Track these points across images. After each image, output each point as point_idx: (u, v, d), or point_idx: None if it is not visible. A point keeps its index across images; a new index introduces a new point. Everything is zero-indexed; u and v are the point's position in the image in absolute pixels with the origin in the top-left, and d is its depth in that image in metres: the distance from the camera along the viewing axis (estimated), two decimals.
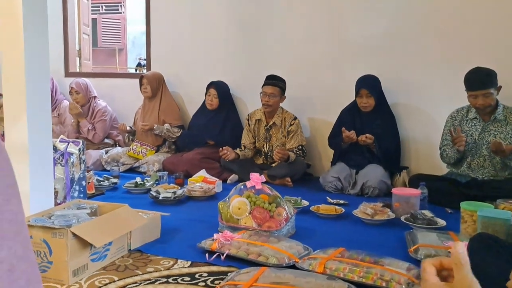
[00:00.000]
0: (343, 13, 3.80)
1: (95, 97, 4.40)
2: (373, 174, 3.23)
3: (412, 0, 3.60)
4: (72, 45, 5.07)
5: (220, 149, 3.59)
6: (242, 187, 2.52)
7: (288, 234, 2.35)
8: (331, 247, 2.04)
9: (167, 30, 4.44)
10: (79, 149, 2.52)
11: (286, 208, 2.39)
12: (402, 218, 2.55)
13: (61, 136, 2.47)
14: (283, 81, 3.65)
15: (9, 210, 0.40)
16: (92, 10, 6.78)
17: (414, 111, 3.63)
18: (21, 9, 1.93)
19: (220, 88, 3.96)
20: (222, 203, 2.47)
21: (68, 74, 4.93)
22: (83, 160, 2.60)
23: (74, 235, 1.71)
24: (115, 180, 3.43)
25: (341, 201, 2.99)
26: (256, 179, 2.46)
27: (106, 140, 4.41)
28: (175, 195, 2.98)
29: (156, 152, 4.09)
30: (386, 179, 3.26)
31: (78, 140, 2.59)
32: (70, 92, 4.35)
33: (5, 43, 1.99)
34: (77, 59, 5.33)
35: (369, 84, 3.38)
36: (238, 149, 3.71)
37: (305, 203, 2.86)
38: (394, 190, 2.82)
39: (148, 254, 2.07)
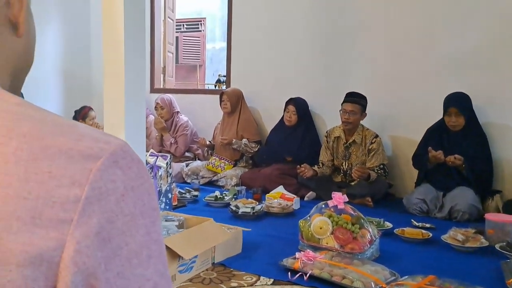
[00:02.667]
0: (431, 28, 3.65)
1: (178, 112, 4.60)
2: (462, 197, 3.03)
3: (505, 14, 3.38)
4: (157, 62, 5.36)
5: (298, 166, 3.58)
6: (323, 206, 2.48)
7: (372, 257, 2.27)
8: (419, 274, 1.94)
9: (247, 47, 4.54)
10: (167, 163, 2.63)
11: (370, 230, 2.31)
12: (497, 246, 2.37)
13: (151, 150, 2.59)
14: (364, 98, 3.57)
15: (154, 231, 0.42)
16: (175, 29, 7.12)
17: (508, 131, 3.38)
18: (123, 32, 2.08)
19: (299, 105, 3.96)
20: (303, 221, 2.44)
21: (153, 90, 5.20)
22: (170, 174, 2.71)
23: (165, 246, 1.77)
24: (195, 193, 3.54)
25: (427, 225, 2.83)
26: (338, 198, 2.41)
27: (187, 154, 4.57)
28: (254, 211, 3.00)
29: (234, 166, 4.17)
30: (477, 203, 3.05)
31: (166, 154, 2.71)
32: (155, 107, 4.58)
33: (108, 62, 2.15)
34: (162, 75, 5.61)
35: (459, 102, 3.21)
36: (316, 166, 3.68)
37: (389, 225, 2.75)
38: (487, 216, 2.62)
39: (231, 269, 2.09)
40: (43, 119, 0.41)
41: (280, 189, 3.46)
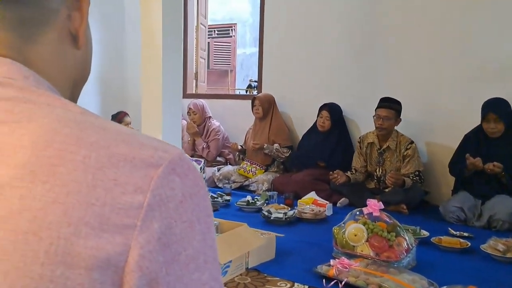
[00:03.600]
0: (468, 33, 3.57)
1: (210, 117, 4.65)
2: (502, 206, 2.94)
3: None
4: (189, 68, 5.43)
5: (331, 172, 3.55)
6: (357, 212, 2.45)
7: (409, 266, 2.22)
8: (459, 284, 1.89)
9: (279, 52, 4.54)
10: (201, 168, 2.66)
11: (407, 238, 2.27)
12: None
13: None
14: (399, 103, 3.52)
15: (210, 237, 0.43)
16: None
17: None
18: (161, 41, 2.13)
19: (333, 110, 3.93)
20: (337, 228, 2.41)
21: (185, 95, 5.27)
22: (203, 178, 2.73)
23: None
24: (227, 198, 3.55)
25: (465, 234, 2.75)
26: (374, 205, 2.37)
27: (218, 158, 4.61)
28: (286, 216, 2.99)
29: (265, 171, 4.18)
30: None
31: (199, 159, 2.74)
32: (188, 112, 4.64)
33: (145, 70, 2.19)
34: (194, 81, 5.68)
35: (498, 108, 3.11)
36: (349, 172, 3.64)
37: (425, 233, 2.69)
38: None
39: (265, 274, 2.09)
40: (106, 128, 0.43)
41: (312, 195, 3.43)
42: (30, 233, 0.36)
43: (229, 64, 9.70)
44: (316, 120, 4.02)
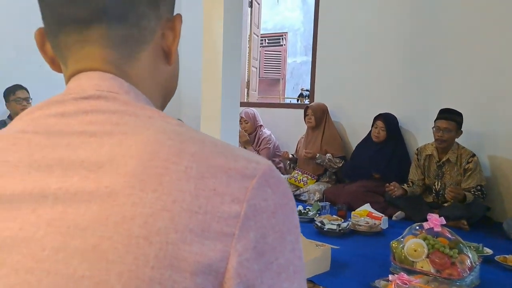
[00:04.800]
0: None
1: (261, 125, 4.67)
2: None
3: None
4: (241, 77, 5.50)
5: (387, 184, 3.46)
6: (417, 227, 2.37)
7: (472, 284, 2.12)
8: None
9: (332, 61, 4.50)
10: None
11: (470, 255, 2.16)
12: None
13: None
14: (460, 115, 3.38)
15: (298, 248, 0.45)
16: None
17: None
18: (221, 46, 2.17)
19: (388, 121, 3.84)
20: (395, 242, 2.34)
21: None
22: None
23: None
24: None
25: None
26: (434, 220, 2.28)
27: None
28: (340, 228, 2.94)
29: (317, 181, 4.13)
30: None
31: None
32: (239, 121, 4.68)
33: (206, 76, 2.24)
34: (245, 89, 5.75)
35: None
36: (405, 184, 3.53)
37: (488, 251, 2.56)
38: None
39: (321, 286, 2.06)
40: (203, 140, 0.45)
41: (367, 207, 3.35)
42: (141, 237, 0.38)
43: (280, 73, 9.72)
44: (371, 130, 3.94)
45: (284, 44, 10.09)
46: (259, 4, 6.05)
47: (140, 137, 0.43)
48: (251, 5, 5.75)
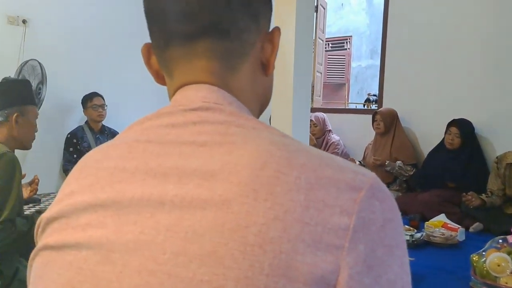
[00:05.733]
0: None
1: (330, 130, 4.63)
2: None
3: None
4: None
5: (464, 194, 3.29)
6: (500, 240, 2.24)
7: None
8: None
9: (402, 64, 4.36)
10: None
11: None
12: None
13: None
14: None
15: (406, 263, 0.44)
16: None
17: None
18: (293, 54, 2.18)
19: (463, 127, 3.65)
20: (476, 256, 2.22)
21: None
22: None
23: None
24: None
25: None
26: None
27: None
28: (413, 239, 2.84)
29: None
30: None
31: None
32: None
33: (278, 81, 2.26)
34: (310, 95, 5.71)
35: None
36: (483, 194, 3.34)
37: None
38: None
39: None
40: (308, 150, 0.46)
41: (442, 217, 3.21)
42: (256, 245, 0.39)
43: (343, 77, 9.58)
44: (444, 137, 3.77)
45: (349, 48, 9.94)
46: (324, 8, 6.01)
47: (249, 147, 0.44)
48: (316, 10, 5.72)
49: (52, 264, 0.47)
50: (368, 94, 5.96)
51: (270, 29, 0.57)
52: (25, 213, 1.81)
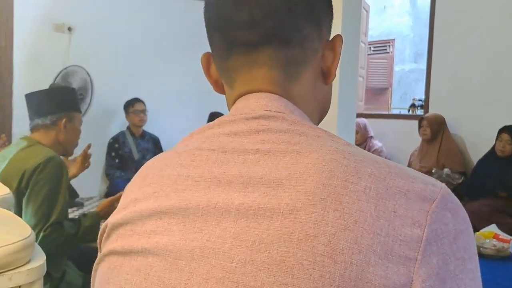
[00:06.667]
0: None
1: (371, 137, 4.52)
2: None
3: None
4: None
5: None
6: None
7: None
8: None
9: (450, 68, 4.21)
10: None
11: None
12: None
13: None
14: None
15: (478, 277, 0.43)
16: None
17: None
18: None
19: None
20: None
21: None
22: None
23: None
24: None
25: None
26: None
27: None
28: None
29: None
30: None
31: None
32: None
33: None
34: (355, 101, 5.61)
35: None
36: None
37: None
38: None
39: None
40: (375, 160, 0.45)
41: (493, 228, 3.05)
42: (326, 256, 0.38)
43: (386, 82, 9.38)
44: (495, 144, 3.60)
45: (391, 52, 9.72)
46: (367, 11, 5.91)
47: (315, 155, 0.44)
48: None
49: (119, 269, 0.47)
50: (413, 99, 5.80)
51: (331, 37, 0.56)
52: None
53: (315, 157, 0.44)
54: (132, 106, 4.18)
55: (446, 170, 3.85)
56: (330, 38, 0.56)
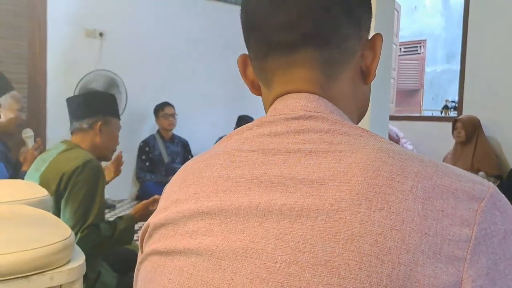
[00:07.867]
0: None
1: (400, 139, 4.44)
2: None
3: None
4: None
5: None
6: None
7: None
8: None
9: (486, 69, 4.10)
10: None
11: None
12: None
13: None
14: None
15: None
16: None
17: None
18: None
19: None
20: None
21: None
22: None
23: None
24: None
25: None
26: None
27: None
28: None
29: None
30: None
31: None
32: None
33: None
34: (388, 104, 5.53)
35: None
36: None
37: None
38: None
39: None
40: (421, 158, 0.44)
41: None
42: (372, 256, 0.38)
43: (417, 83, 9.19)
44: None
45: (422, 52, 9.53)
46: (398, 12, 5.81)
47: (359, 155, 0.43)
48: None
49: (162, 268, 0.48)
50: (446, 101, 5.66)
51: (370, 36, 0.55)
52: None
53: (359, 157, 0.43)
54: (162, 110, 4.24)
55: (481, 173, 3.74)
56: (369, 38, 0.55)
